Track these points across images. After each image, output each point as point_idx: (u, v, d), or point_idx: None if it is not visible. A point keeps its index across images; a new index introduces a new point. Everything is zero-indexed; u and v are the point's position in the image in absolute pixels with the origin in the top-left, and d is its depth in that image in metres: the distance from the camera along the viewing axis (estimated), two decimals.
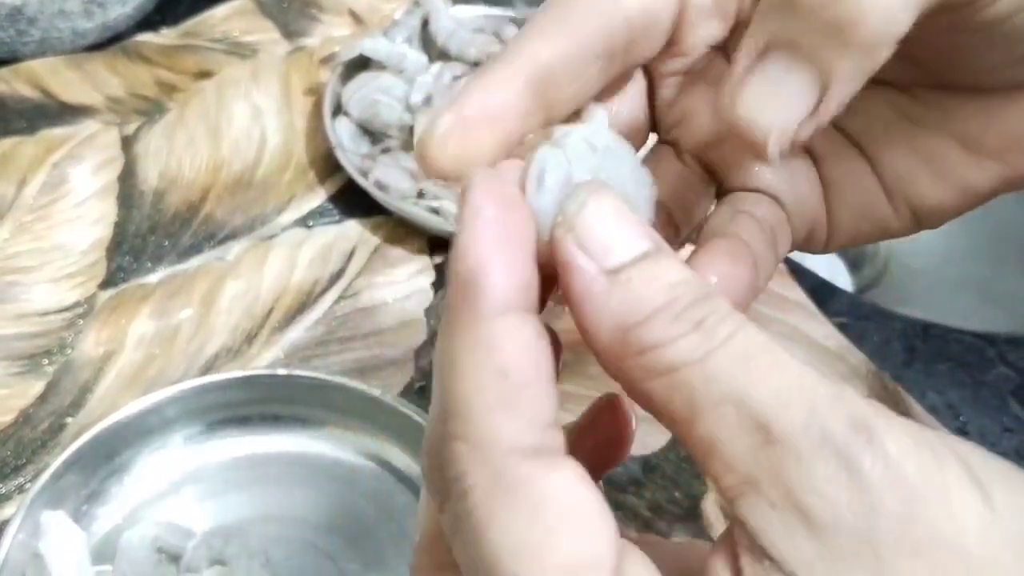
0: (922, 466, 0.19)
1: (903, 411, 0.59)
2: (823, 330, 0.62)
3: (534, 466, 0.20)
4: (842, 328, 0.63)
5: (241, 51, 0.75)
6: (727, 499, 0.20)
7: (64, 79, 0.72)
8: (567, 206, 0.22)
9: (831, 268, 0.91)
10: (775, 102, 0.23)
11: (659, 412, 0.21)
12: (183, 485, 0.51)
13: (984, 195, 0.29)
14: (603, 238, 0.21)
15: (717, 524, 0.53)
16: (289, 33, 0.77)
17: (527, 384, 0.20)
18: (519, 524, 0.20)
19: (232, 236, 0.63)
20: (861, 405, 0.19)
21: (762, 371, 0.20)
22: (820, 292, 0.65)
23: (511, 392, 0.20)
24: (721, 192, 0.30)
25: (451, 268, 0.21)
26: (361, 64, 0.70)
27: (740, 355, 0.20)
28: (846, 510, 0.19)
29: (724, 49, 0.28)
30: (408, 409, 0.51)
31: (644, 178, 0.25)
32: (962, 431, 0.59)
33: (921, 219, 0.30)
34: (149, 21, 0.76)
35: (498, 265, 0.21)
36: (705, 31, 0.27)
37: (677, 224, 0.29)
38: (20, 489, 0.51)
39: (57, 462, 0.48)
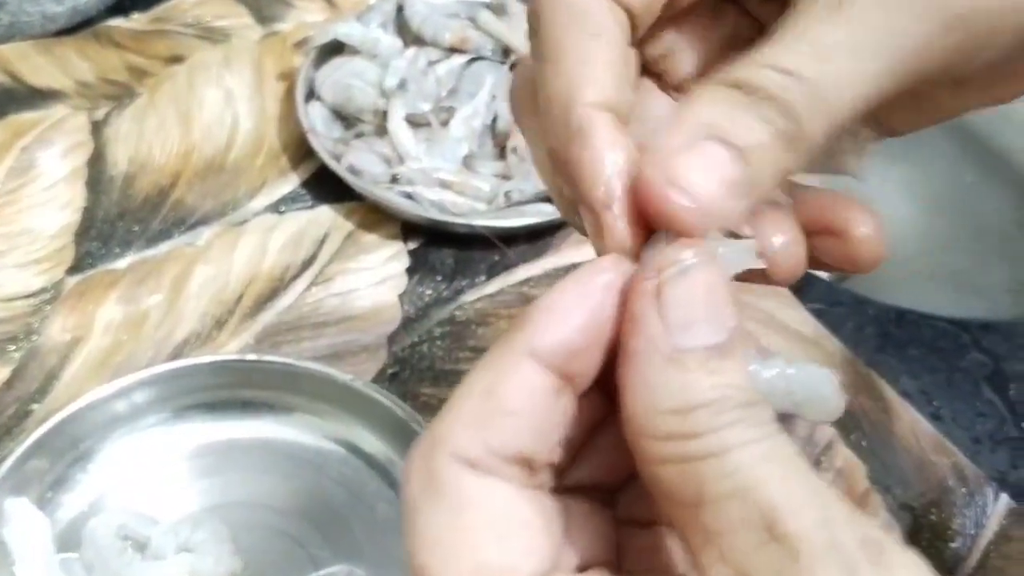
0: None
1: (877, 397, 0.59)
2: (798, 316, 0.62)
3: (467, 473, 0.21)
4: (817, 314, 0.62)
5: (213, 36, 0.74)
6: None
7: (33, 64, 0.71)
8: (667, 264, 0.22)
9: None
10: (708, 181, 0.23)
11: (662, 493, 0.21)
12: (150, 472, 0.51)
13: (953, 117, 0.30)
14: (686, 313, 0.21)
15: None
16: (262, 18, 0.76)
17: (507, 413, 0.22)
18: (440, 520, 0.21)
19: (202, 221, 0.63)
20: (878, 529, 0.20)
21: (780, 474, 0.20)
22: None
23: (485, 412, 0.22)
24: None
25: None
26: (335, 49, 0.69)
27: (762, 456, 0.20)
28: None
29: None
30: (379, 394, 0.51)
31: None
32: (935, 416, 0.59)
33: (884, 136, 0.30)
34: (120, 6, 0.75)
35: (553, 322, 0.22)
36: None
37: None
38: None
39: (21, 448, 0.47)
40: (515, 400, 0.21)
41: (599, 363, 0.23)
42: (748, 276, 0.26)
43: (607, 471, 0.25)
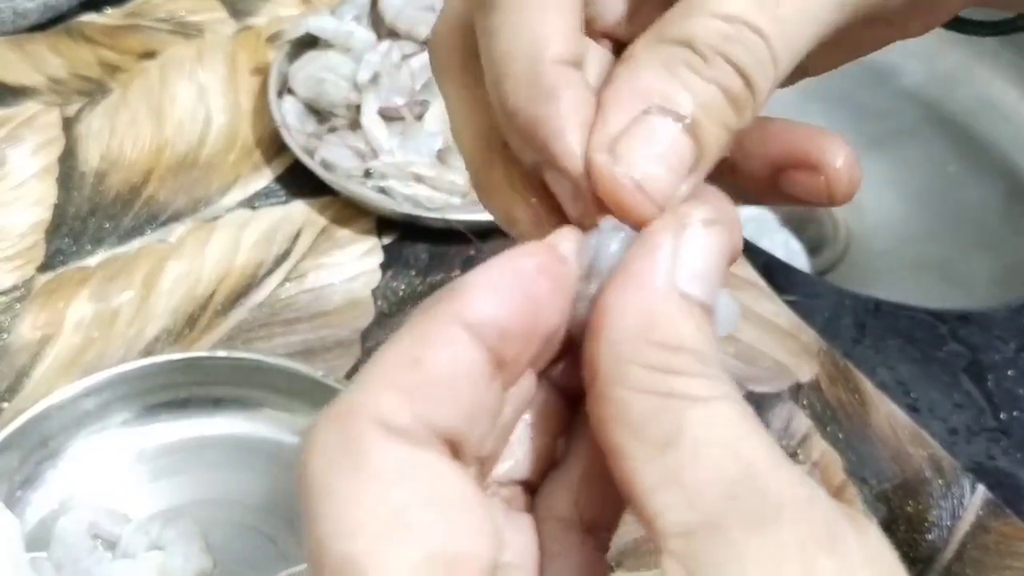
0: None
1: (854, 388, 0.59)
2: (774, 308, 0.62)
3: (396, 442, 0.18)
4: (793, 305, 0.62)
5: (187, 31, 0.74)
6: (669, 534, 0.19)
7: (4, 60, 0.70)
8: (697, 212, 0.22)
9: (788, 252, 0.91)
10: (658, 166, 0.23)
11: (620, 424, 0.20)
12: (120, 470, 0.50)
13: (866, 54, 0.30)
14: (699, 263, 0.21)
15: None
16: (236, 12, 0.75)
17: (434, 382, 0.19)
18: (366, 497, 0.18)
19: (175, 218, 0.62)
20: (855, 512, 0.19)
21: (758, 436, 0.20)
22: (771, 270, 0.65)
23: (414, 380, 0.19)
24: None
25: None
26: (309, 43, 0.69)
27: (741, 415, 0.20)
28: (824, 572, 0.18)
29: None
30: None
31: None
32: (912, 408, 0.59)
33: (797, 79, 0.29)
34: (93, 1, 0.75)
35: (487, 295, 0.20)
36: None
37: None
38: None
39: None
40: (447, 371, 0.19)
41: (529, 358, 0.21)
42: None
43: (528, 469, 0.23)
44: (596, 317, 0.21)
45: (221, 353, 0.52)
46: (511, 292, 0.20)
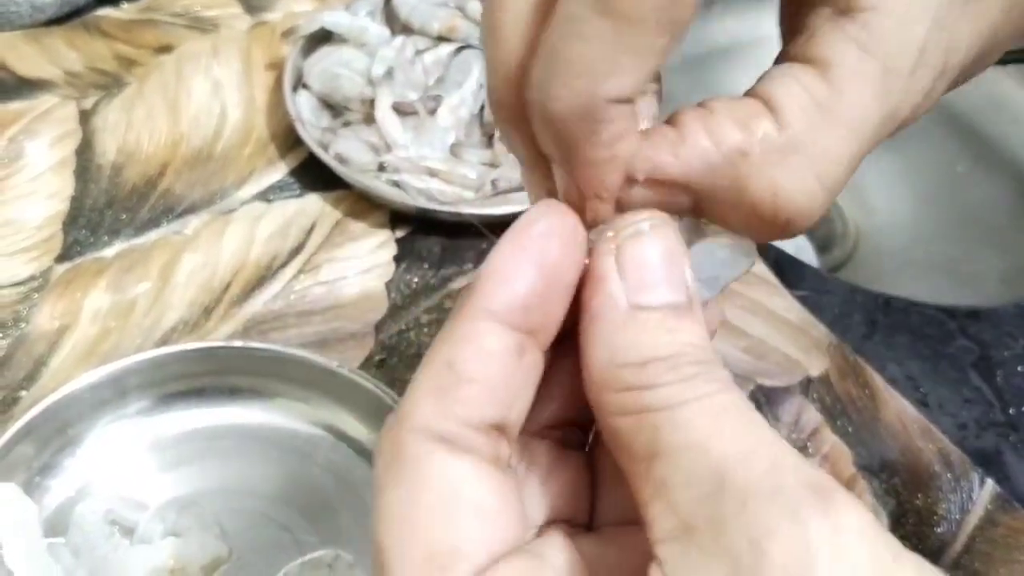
0: (876, 555, 0.19)
1: (864, 383, 0.59)
2: (785, 303, 0.62)
3: (434, 449, 0.21)
4: (804, 301, 0.63)
5: (202, 25, 0.74)
6: (655, 541, 0.20)
7: (21, 53, 0.71)
8: (625, 227, 0.22)
9: (798, 250, 0.91)
10: None
11: (619, 447, 0.21)
12: (137, 457, 0.51)
13: None
14: (645, 273, 0.22)
15: None
16: (251, 7, 0.76)
17: (469, 382, 0.21)
18: (400, 498, 0.21)
19: (191, 210, 0.63)
20: (829, 481, 0.19)
21: (731, 427, 0.20)
22: (783, 266, 0.65)
23: (449, 383, 0.21)
24: None
25: None
26: (323, 38, 0.69)
27: (715, 410, 0.20)
28: (778, 558, 0.18)
29: None
30: (366, 381, 0.51)
31: (726, 257, 0.25)
32: (922, 403, 0.59)
33: None
34: None
35: (501, 280, 0.22)
36: None
37: None
38: None
39: (8, 434, 0.47)
40: (475, 367, 0.21)
41: (561, 311, 0.22)
42: None
43: (573, 409, 0.25)
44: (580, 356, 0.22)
45: (237, 343, 0.52)
46: (525, 268, 0.22)
